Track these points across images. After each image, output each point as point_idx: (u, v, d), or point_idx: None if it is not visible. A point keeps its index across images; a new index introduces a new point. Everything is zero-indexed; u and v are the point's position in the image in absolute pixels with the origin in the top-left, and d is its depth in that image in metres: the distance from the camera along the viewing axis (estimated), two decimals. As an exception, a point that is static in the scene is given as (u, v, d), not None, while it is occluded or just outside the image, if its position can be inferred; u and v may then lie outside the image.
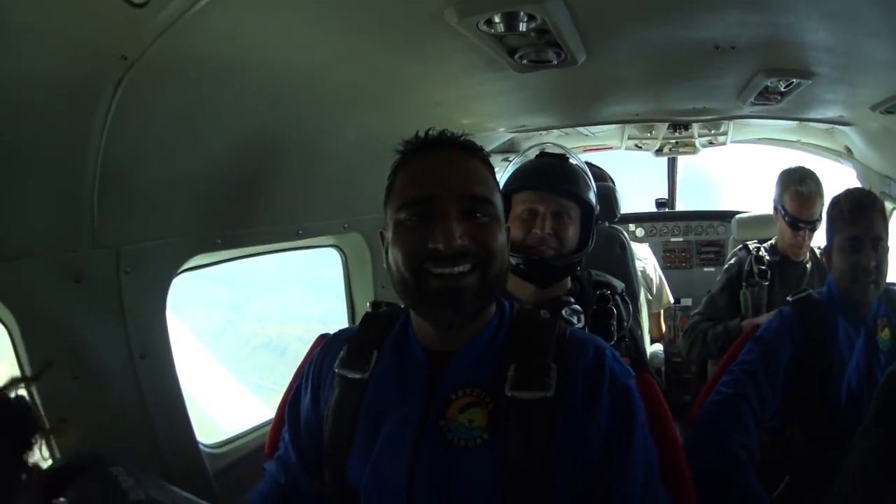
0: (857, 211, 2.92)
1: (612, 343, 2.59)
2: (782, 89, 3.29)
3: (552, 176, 2.72)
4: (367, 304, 2.08)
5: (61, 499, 1.18)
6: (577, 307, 2.24)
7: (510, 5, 2.03)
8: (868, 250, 2.88)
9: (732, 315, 4.28)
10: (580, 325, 2.19)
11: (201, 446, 2.66)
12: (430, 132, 1.80)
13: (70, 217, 2.03)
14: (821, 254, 3.45)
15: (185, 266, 2.57)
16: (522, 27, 2.16)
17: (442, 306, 1.68)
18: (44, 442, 1.26)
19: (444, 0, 1.96)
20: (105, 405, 2.23)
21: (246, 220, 2.80)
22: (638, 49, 2.74)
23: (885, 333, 2.97)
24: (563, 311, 2.16)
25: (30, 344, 2.02)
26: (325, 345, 2.04)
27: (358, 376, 1.84)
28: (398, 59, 2.47)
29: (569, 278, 2.83)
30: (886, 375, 2.16)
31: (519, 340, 1.78)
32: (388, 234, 1.76)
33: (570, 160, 2.84)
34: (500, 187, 2.39)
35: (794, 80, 3.12)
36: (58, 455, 1.57)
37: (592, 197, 2.78)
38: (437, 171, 1.73)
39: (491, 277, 1.71)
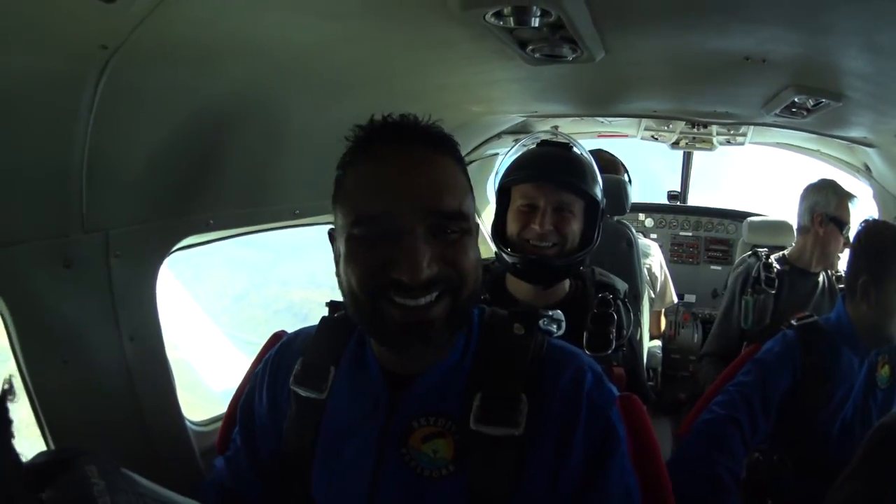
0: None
1: (610, 351, 2.52)
2: (810, 106, 3.21)
3: (554, 167, 2.59)
4: (325, 305, 1.93)
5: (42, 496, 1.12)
6: (558, 314, 2.01)
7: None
8: None
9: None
10: (559, 333, 1.96)
11: (188, 424, 2.64)
12: (388, 118, 1.58)
13: (60, 203, 1.99)
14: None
15: (177, 247, 2.52)
16: (535, 22, 2.02)
17: (404, 341, 1.53)
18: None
19: None
20: (95, 388, 2.21)
21: (239, 200, 2.74)
22: (662, 51, 2.65)
23: (885, 370, 2.91)
24: (541, 322, 1.85)
25: (21, 329, 1.99)
26: (280, 351, 1.90)
27: (314, 396, 1.72)
28: (398, 43, 2.37)
29: (568, 278, 2.71)
30: (877, 427, 2.07)
31: (487, 363, 1.64)
32: (340, 244, 1.56)
33: (574, 150, 2.71)
34: (499, 178, 2.46)
35: (824, 101, 3.05)
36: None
37: (598, 191, 2.65)
38: (399, 180, 1.49)
39: (462, 302, 1.54)
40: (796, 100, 3.13)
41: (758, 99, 3.44)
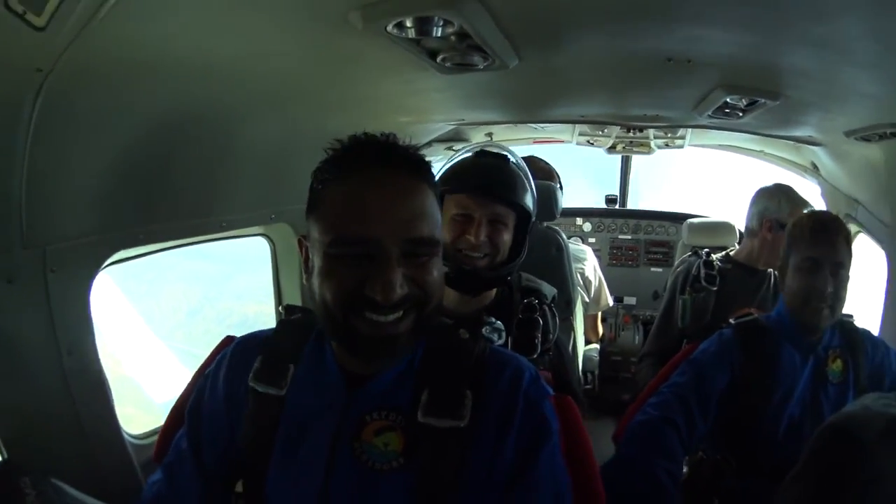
0: (821, 233, 2.78)
1: (535, 356, 2.53)
2: (743, 106, 3.20)
3: (491, 179, 2.57)
4: (281, 309, 2.02)
5: None
6: (499, 324, 2.15)
7: (421, 10, 1.94)
8: (826, 274, 2.72)
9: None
10: (500, 342, 2.11)
11: (127, 437, 2.67)
12: (371, 137, 1.62)
13: (2, 220, 2.05)
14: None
15: (109, 261, 2.55)
16: (438, 32, 2.06)
17: (374, 353, 1.60)
18: None
19: (348, 3, 1.91)
20: (34, 402, 2.26)
21: (168, 213, 2.78)
22: (581, 56, 2.66)
23: (836, 365, 2.84)
24: (484, 329, 2.06)
25: None
26: (237, 349, 1.90)
27: (273, 392, 1.75)
28: (310, 58, 2.44)
29: None
30: (825, 427, 1.96)
31: (435, 363, 1.73)
32: (314, 258, 1.61)
33: (511, 161, 2.68)
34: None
35: (760, 100, 3.04)
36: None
37: (530, 202, 2.64)
38: (379, 208, 1.53)
39: (425, 317, 1.61)
40: (728, 100, 3.12)
41: (688, 101, 3.44)
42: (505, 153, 2.72)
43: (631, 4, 2.04)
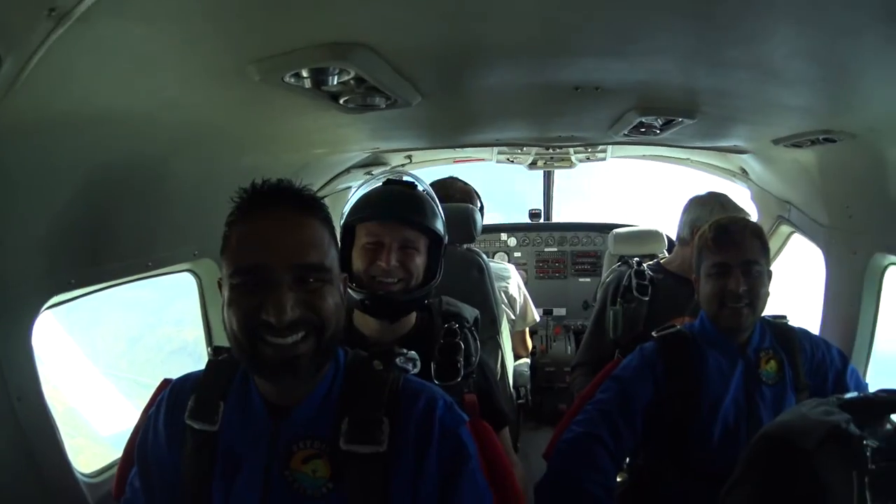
0: (723, 236, 2.79)
1: (459, 379, 2.58)
2: (659, 125, 3.20)
3: (398, 205, 2.61)
4: (209, 350, 2.06)
5: None
6: (413, 354, 2.09)
7: (314, 62, 1.98)
8: (738, 275, 2.72)
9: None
10: (415, 371, 2.06)
11: (79, 476, 2.68)
12: (266, 183, 1.77)
13: None
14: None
15: (46, 305, 2.56)
16: (334, 81, 2.11)
17: (278, 374, 1.71)
18: None
19: (244, 58, 1.96)
20: None
21: (96, 258, 2.79)
22: (486, 89, 2.67)
23: (770, 366, 2.82)
24: (398, 360, 2.02)
25: None
26: (173, 391, 1.99)
27: (208, 428, 1.84)
28: (217, 105, 2.50)
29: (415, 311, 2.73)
30: (759, 437, 1.98)
31: (352, 394, 1.82)
32: (224, 292, 1.74)
33: (418, 188, 2.74)
34: (344, 216, 2.66)
35: (676, 118, 3.05)
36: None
37: (440, 226, 2.68)
38: (269, 238, 1.69)
39: (325, 341, 1.72)
40: (643, 120, 3.11)
41: (602, 122, 3.43)
42: (412, 181, 2.78)
43: (532, 41, 2.04)
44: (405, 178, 2.79)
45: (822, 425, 1.78)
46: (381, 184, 2.76)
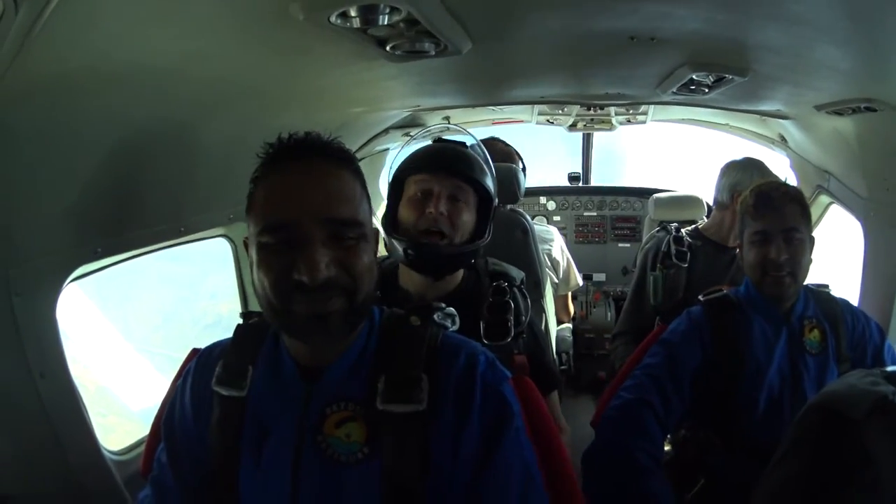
0: (765, 204, 2.77)
1: (509, 339, 2.56)
2: (710, 83, 3.15)
3: (449, 158, 2.62)
4: (239, 315, 2.03)
5: None
6: (451, 310, 2.04)
7: None
8: (779, 243, 2.71)
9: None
10: (454, 327, 2.01)
11: (107, 454, 2.67)
12: (293, 136, 1.70)
13: None
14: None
15: (71, 278, 2.53)
16: (384, 20, 1.99)
17: (310, 332, 1.66)
18: None
19: None
20: (13, 430, 2.28)
21: (123, 225, 2.75)
22: (538, 38, 2.61)
23: (814, 335, 2.82)
24: (436, 316, 1.97)
25: None
26: (200, 361, 1.97)
27: (236, 394, 1.81)
28: (253, 55, 2.38)
29: (461, 269, 2.74)
30: (808, 408, 1.94)
31: (388, 351, 1.78)
32: (252, 252, 1.69)
33: (469, 145, 2.75)
34: (393, 171, 2.69)
35: (727, 76, 3.00)
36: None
37: (490, 183, 2.68)
38: (298, 192, 1.64)
39: (359, 303, 1.68)
40: (694, 77, 3.06)
41: (651, 78, 3.39)
42: (463, 140, 2.77)
43: None
44: (456, 138, 2.79)
45: (870, 395, 1.76)
46: (432, 141, 2.78)
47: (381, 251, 2.22)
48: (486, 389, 1.73)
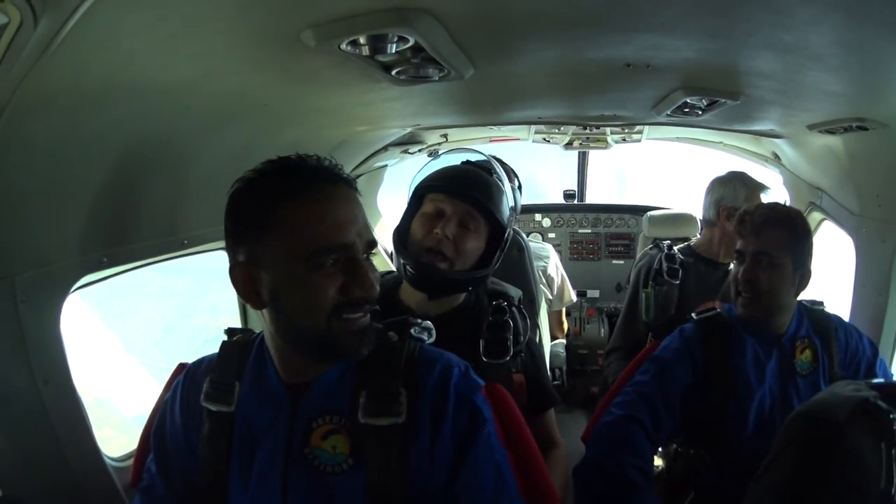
0: (744, 225, 2.84)
1: (508, 358, 2.61)
2: (703, 105, 3.19)
3: (468, 183, 2.66)
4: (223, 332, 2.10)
5: None
6: (427, 324, 2.11)
7: (375, 28, 1.91)
8: (747, 265, 2.81)
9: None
10: (431, 340, 2.08)
11: (107, 461, 2.68)
12: (305, 157, 1.76)
13: None
14: None
15: (75, 287, 2.55)
16: (392, 48, 2.03)
17: (355, 347, 1.74)
18: None
19: (301, 23, 1.89)
20: (16, 435, 2.28)
21: (128, 236, 2.80)
22: (537, 63, 2.63)
23: (805, 356, 2.86)
24: (413, 330, 2.05)
25: None
26: (188, 375, 2.03)
27: (224, 409, 1.87)
28: (263, 75, 2.44)
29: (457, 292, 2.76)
30: (795, 416, 1.98)
31: (369, 366, 1.84)
32: (270, 278, 1.73)
33: (494, 175, 2.79)
34: (415, 183, 2.78)
35: (720, 100, 3.05)
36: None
37: (504, 215, 2.70)
38: (348, 216, 1.72)
39: (373, 313, 1.78)
40: (688, 100, 3.10)
41: (646, 101, 3.43)
42: (489, 167, 2.83)
43: (590, 15, 2.02)
44: (483, 162, 2.87)
45: (852, 399, 1.81)
46: (460, 163, 2.85)
47: (385, 265, 2.29)
48: (460, 399, 1.82)
